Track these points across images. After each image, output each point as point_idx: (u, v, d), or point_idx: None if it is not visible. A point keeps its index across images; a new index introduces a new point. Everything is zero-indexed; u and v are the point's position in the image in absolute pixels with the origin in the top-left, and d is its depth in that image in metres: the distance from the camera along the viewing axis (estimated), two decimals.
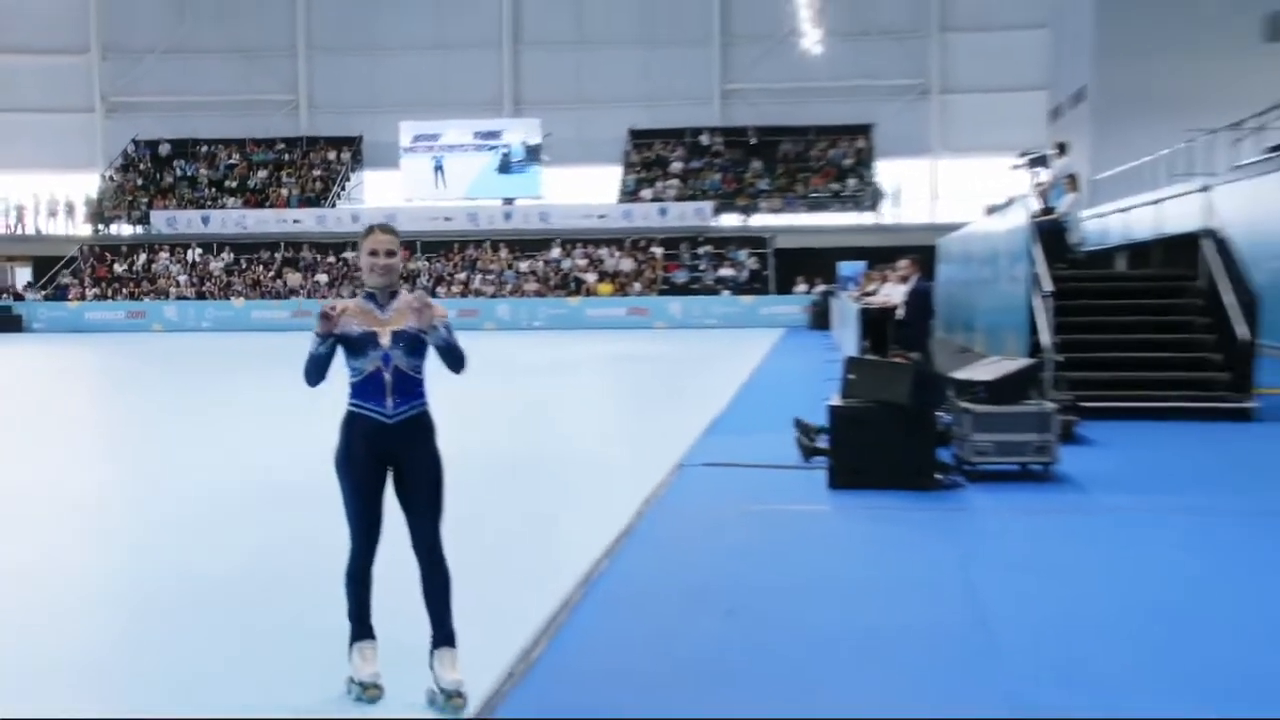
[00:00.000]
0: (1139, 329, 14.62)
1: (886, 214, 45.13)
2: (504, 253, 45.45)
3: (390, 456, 4.85)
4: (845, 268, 38.44)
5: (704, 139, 49.26)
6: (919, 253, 18.02)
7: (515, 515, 9.00)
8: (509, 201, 46.93)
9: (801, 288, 41.27)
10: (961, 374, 10.54)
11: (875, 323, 17.03)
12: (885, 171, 46.97)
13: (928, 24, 48.17)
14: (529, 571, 7.12)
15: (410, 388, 4.87)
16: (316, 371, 4.88)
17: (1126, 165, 28.49)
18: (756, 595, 6.46)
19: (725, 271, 43.63)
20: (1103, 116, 33.92)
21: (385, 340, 4.83)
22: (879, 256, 30.53)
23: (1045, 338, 13.81)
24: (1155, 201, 19.63)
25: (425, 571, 4.89)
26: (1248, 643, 5.57)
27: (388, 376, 4.81)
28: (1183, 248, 15.66)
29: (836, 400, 9.81)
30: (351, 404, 4.86)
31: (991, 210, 21.98)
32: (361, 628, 4.95)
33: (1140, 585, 6.66)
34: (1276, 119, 24.77)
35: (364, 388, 4.82)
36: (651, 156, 49.17)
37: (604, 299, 42.20)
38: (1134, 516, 8.51)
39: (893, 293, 16.98)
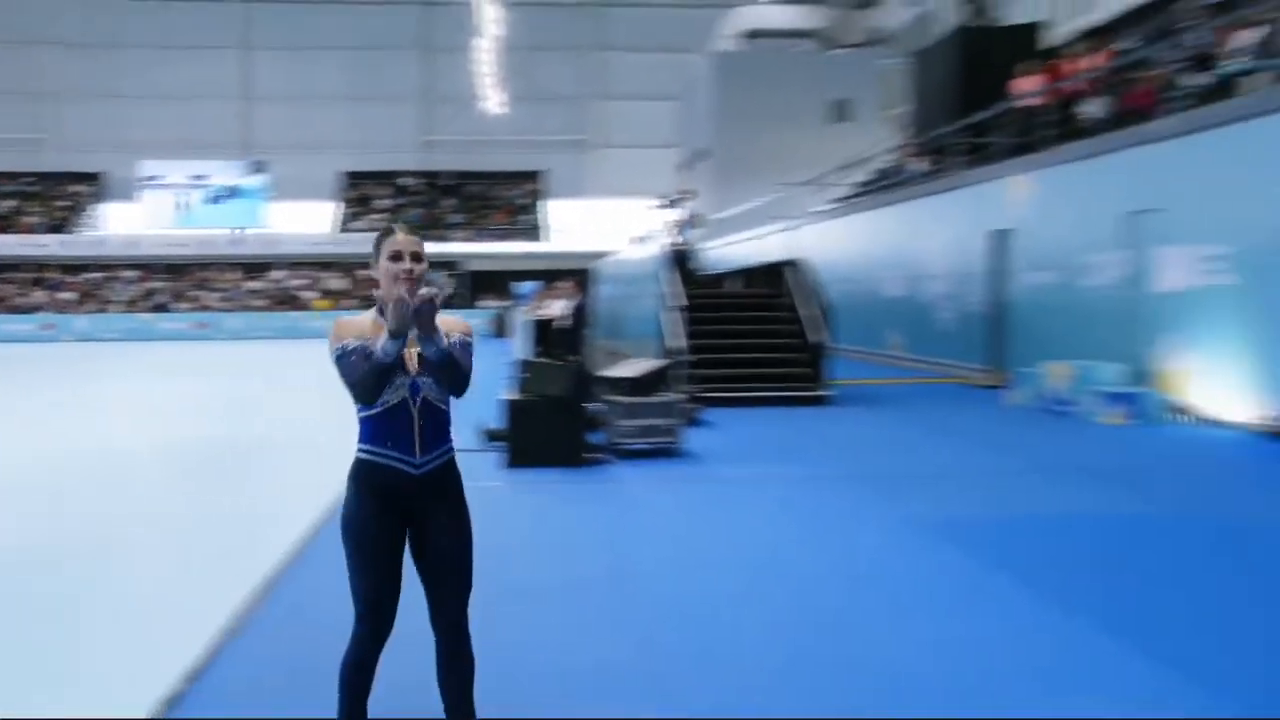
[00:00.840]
0: (747, 335, 15.16)
1: (554, 243, 45.46)
2: (234, 274, 43.69)
3: (411, 515, 3.23)
4: (521, 287, 38.44)
5: (407, 181, 48.45)
6: (580, 274, 18.26)
7: (236, 493, 8.69)
8: (239, 230, 44.88)
9: (488, 303, 41.18)
10: (611, 372, 10.71)
11: (544, 331, 17.13)
12: (554, 209, 47.40)
13: (590, 93, 48.94)
14: (247, 540, 6.83)
15: (441, 427, 3.26)
16: (377, 383, 3.12)
17: (739, 209, 29.57)
18: None
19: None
20: (721, 170, 35.05)
21: (412, 364, 3.18)
22: (550, 278, 30.74)
23: (676, 342, 14.17)
24: (758, 237, 20.51)
25: (445, 654, 3.28)
26: (824, 581, 5.85)
27: (415, 412, 3.17)
28: (778, 272, 16.36)
29: (512, 394, 9.83)
30: (365, 450, 3.20)
31: (636, 241, 22.51)
32: None
33: (746, 536, 6.92)
34: (840, 178, 26.29)
35: (384, 427, 3.16)
36: (363, 194, 47.96)
37: (322, 312, 41.14)
38: (740, 482, 8.84)
39: (558, 307, 17.12)
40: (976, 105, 18.50)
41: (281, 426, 13.48)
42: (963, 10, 23.53)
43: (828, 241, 23.12)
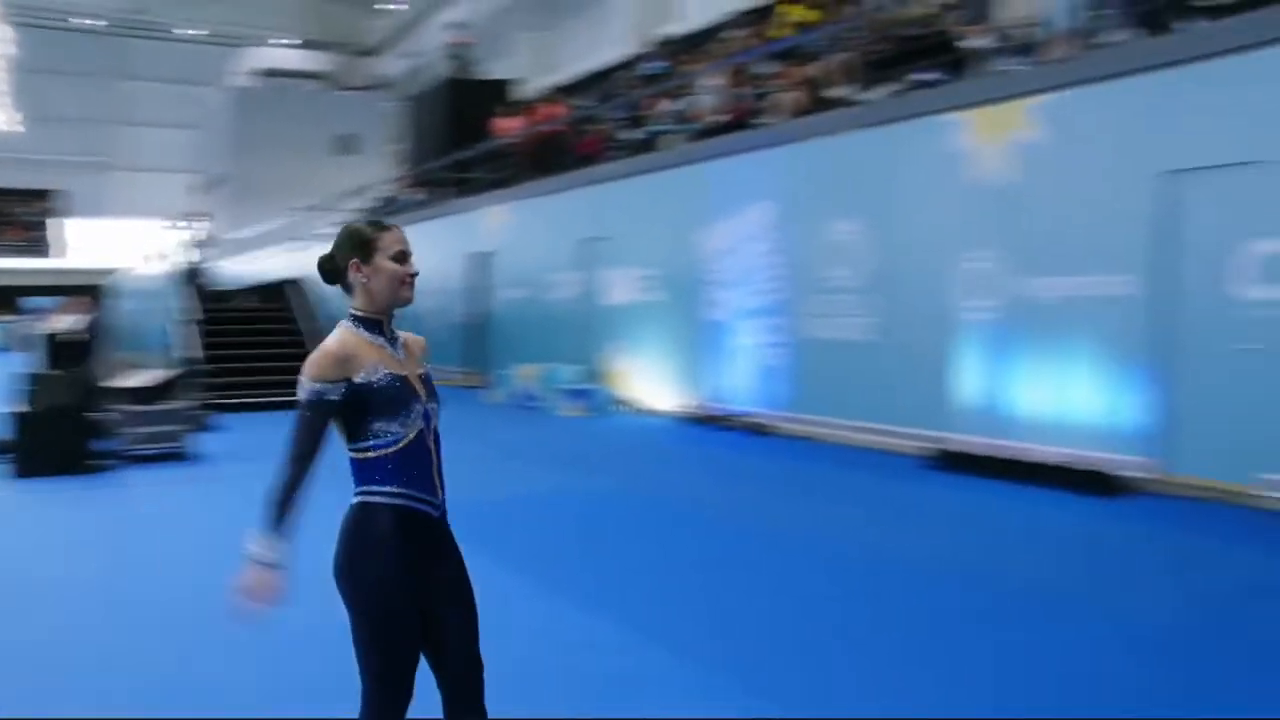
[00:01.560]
0: (256, 346, 14.44)
1: (70, 259, 40.67)
2: None
3: (424, 567, 2.31)
4: (31, 301, 34.01)
5: None
6: (96, 289, 16.61)
7: None
8: None
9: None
10: (120, 382, 9.82)
11: (56, 345, 15.32)
12: (72, 227, 42.40)
13: (111, 118, 44.13)
14: None
15: (442, 461, 2.40)
16: (314, 446, 2.33)
17: (253, 230, 28.25)
18: None
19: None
20: (238, 194, 33.24)
21: (421, 388, 2.34)
22: (67, 293, 27.58)
23: (189, 353, 13.24)
24: (271, 256, 19.64)
25: (455, 716, 2.34)
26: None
27: (431, 445, 2.33)
28: (282, 289, 15.85)
29: (20, 407, 8.71)
30: (384, 493, 2.29)
31: (151, 259, 20.79)
32: None
33: (248, 525, 6.58)
34: (345, 205, 25.87)
35: (402, 466, 2.28)
36: None
37: None
38: (247, 480, 8.39)
39: (69, 321, 15.41)
40: (462, 145, 18.90)
41: None
42: (451, 64, 23.92)
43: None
